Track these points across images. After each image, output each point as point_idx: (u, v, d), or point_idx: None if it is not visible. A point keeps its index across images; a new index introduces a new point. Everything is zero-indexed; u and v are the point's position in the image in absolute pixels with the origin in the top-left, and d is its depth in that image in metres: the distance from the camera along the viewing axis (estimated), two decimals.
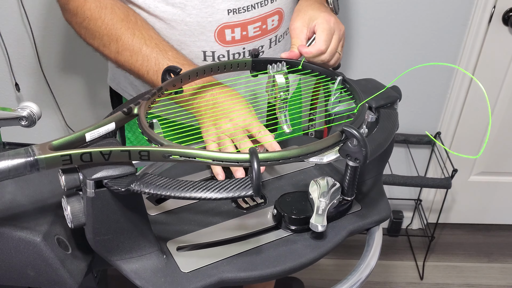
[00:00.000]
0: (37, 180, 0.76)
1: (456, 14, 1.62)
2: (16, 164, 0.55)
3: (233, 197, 0.57)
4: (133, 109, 0.68)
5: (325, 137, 0.65)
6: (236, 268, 0.68)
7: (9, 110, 0.75)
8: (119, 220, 0.64)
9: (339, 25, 0.92)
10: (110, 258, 0.67)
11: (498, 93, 1.81)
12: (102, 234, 0.64)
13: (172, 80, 0.76)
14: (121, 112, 0.67)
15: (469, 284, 1.94)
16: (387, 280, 1.94)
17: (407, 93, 1.79)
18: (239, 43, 0.95)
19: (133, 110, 0.68)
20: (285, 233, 0.73)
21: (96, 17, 0.87)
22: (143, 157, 0.59)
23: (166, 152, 0.59)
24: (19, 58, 1.64)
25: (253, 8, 0.93)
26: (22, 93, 1.70)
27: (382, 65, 1.72)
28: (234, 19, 0.93)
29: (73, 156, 0.57)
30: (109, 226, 0.64)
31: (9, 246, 0.65)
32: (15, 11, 1.53)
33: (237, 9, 0.92)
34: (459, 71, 1.73)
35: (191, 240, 0.72)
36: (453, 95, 1.79)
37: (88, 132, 0.62)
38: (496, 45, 1.69)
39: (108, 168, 0.60)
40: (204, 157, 0.58)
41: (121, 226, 0.64)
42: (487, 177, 2.03)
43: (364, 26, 1.64)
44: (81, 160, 0.58)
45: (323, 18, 0.89)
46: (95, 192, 0.60)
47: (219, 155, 0.58)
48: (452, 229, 2.17)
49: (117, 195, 0.61)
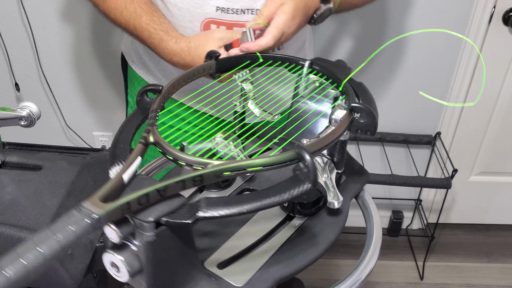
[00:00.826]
0: (37, 180, 0.76)
1: (456, 14, 1.62)
2: (82, 230, 0.48)
3: (295, 195, 0.57)
4: (148, 138, 0.64)
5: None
6: (282, 266, 0.68)
7: (9, 110, 0.75)
8: (177, 257, 0.61)
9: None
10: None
11: (498, 93, 1.81)
12: (162, 277, 0.60)
13: (160, 101, 0.72)
14: (141, 144, 0.63)
15: (469, 284, 1.94)
16: (387, 280, 1.94)
17: (407, 93, 1.80)
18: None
19: (149, 139, 0.63)
20: (300, 220, 0.75)
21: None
22: (196, 183, 0.56)
23: (218, 171, 0.56)
24: (19, 58, 1.64)
25: (242, 12, 0.94)
26: (21, 93, 1.70)
27: (381, 65, 1.72)
28: (222, 17, 0.94)
29: (131, 202, 0.52)
30: (168, 267, 0.61)
31: (8, 246, 0.66)
32: (15, 11, 1.53)
33: (226, 8, 0.94)
34: (459, 72, 1.73)
35: (223, 255, 0.70)
36: (453, 95, 1.79)
37: (124, 174, 0.57)
38: (496, 45, 1.69)
39: (158, 206, 0.55)
40: (254, 166, 0.57)
41: (178, 263, 0.62)
42: (487, 177, 2.03)
43: (363, 26, 1.64)
44: (138, 204, 0.53)
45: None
46: (156, 234, 0.55)
47: (268, 160, 0.57)
48: (452, 229, 2.17)
49: (177, 231, 0.58)
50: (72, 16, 1.57)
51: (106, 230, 0.53)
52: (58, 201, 0.72)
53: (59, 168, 0.79)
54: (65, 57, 1.65)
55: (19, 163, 0.81)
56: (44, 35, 1.60)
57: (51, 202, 0.71)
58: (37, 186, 0.74)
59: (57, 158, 0.82)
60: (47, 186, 0.75)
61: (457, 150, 1.93)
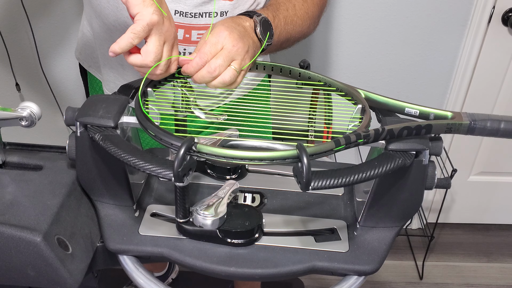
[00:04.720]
0: (37, 180, 0.76)
1: (455, 14, 1.62)
2: None
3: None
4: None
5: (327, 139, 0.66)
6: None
7: (10, 110, 0.75)
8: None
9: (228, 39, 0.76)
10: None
11: (497, 93, 1.81)
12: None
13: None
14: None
15: (469, 284, 1.94)
16: (387, 280, 1.94)
17: (407, 93, 1.80)
18: (180, 43, 0.96)
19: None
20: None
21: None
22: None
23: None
24: (20, 58, 1.64)
25: (200, 16, 0.94)
26: (22, 93, 1.70)
27: (381, 65, 1.73)
28: (180, 20, 0.94)
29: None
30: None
31: (9, 246, 0.66)
32: (16, 11, 1.54)
33: (184, 12, 0.93)
34: (458, 73, 1.74)
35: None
36: (452, 95, 1.80)
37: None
38: (495, 46, 1.69)
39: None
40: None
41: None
42: (487, 177, 2.03)
43: (363, 26, 1.64)
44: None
45: (218, 25, 0.78)
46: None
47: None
48: (452, 229, 2.18)
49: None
50: (73, 16, 1.58)
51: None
52: (59, 201, 0.72)
53: (59, 168, 0.79)
54: (65, 58, 1.65)
55: (20, 163, 0.81)
56: (44, 35, 1.60)
57: (52, 202, 0.71)
58: (37, 186, 0.75)
59: (58, 158, 0.82)
60: (48, 186, 0.75)
61: (457, 150, 1.93)
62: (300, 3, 0.95)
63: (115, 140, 0.68)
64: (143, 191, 0.84)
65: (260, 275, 0.70)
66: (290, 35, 0.93)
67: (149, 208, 0.81)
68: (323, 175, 0.61)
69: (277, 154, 0.62)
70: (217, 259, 0.71)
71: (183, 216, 0.72)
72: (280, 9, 0.91)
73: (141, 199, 0.82)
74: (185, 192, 0.69)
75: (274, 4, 0.93)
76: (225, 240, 0.73)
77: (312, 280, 1.90)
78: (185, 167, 0.61)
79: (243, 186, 0.85)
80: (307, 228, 0.78)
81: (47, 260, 0.66)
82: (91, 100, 0.75)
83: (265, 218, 0.76)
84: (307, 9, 0.96)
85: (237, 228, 0.72)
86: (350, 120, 0.76)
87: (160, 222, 0.78)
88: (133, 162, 0.64)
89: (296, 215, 0.80)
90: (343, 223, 0.78)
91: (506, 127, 0.69)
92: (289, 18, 0.92)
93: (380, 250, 0.75)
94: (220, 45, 0.75)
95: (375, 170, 0.64)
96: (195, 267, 0.71)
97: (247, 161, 0.62)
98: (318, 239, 0.75)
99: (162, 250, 0.73)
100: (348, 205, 0.83)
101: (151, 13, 0.69)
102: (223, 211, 0.73)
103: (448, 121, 0.71)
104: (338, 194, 0.85)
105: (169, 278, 1.78)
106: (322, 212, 0.81)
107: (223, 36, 0.76)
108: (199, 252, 0.72)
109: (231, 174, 0.86)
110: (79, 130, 0.72)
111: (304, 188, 0.60)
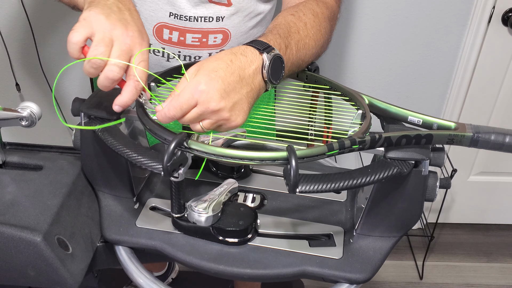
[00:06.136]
0: (37, 180, 0.76)
1: (455, 14, 1.62)
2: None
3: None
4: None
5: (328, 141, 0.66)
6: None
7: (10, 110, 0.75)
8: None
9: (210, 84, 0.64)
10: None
11: (497, 93, 1.81)
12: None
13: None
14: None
15: (469, 284, 1.94)
16: (387, 280, 1.94)
17: (407, 93, 1.80)
18: (175, 45, 0.96)
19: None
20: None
21: None
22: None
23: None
24: (20, 58, 1.64)
25: (195, 20, 0.93)
26: (22, 93, 1.70)
27: (381, 65, 1.73)
28: (175, 22, 0.94)
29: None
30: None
31: (9, 246, 0.66)
32: (16, 11, 1.54)
33: (178, 15, 0.93)
34: (458, 73, 1.74)
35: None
36: (452, 95, 1.80)
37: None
38: (495, 46, 1.69)
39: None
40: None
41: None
42: (487, 177, 2.03)
43: (363, 26, 1.64)
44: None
45: (206, 66, 0.66)
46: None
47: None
48: (452, 229, 2.18)
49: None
50: (73, 15, 1.58)
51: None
52: (59, 201, 0.72)
53: (59, 168, 0.80)
54: (65, 58, 1.65)
55: (20, 163, 0.82)
56: (45, 35, 1.60)
57: (52, 202, 0.72)
58: (37, 186, 0.75)
59: (58, 158, 0.82)
60: (48, 186, 0.75)
61: (457, 150, 1.93)
62: (312, 20, 0.83)
63: (113, 132, 0.70)
64: (146, 185, 0.85)
65: (249, 275, 0.70)
66: (302, 61, 0.82)
67: (149, 201, 0.82)
68: (312, 179, 0.61)
69: (267, 155, 0.62)
70: (208, 256, 0.72)
71: (178, 211, 0.73)
72: (292, 32, 0.79)
73: (142, 193, 0.83)
74: (180, 187, 0.70)
75: (283, 25, 0.79)
76: (217, 238, 0.73)
77: (312, 281, 1.90)
78: (175, 162, 0.62)
79: (246, 186, 0.85)
80: (303, 232, 0.78)
81: (47, 260, 0.66)
82: (98, 92, 0.77)
83: (262, 219, 0.76)
84: (319, 26, 0.84)
85: (230, 227, 0.73)
86: (351, 125, 0.75)
87: (158, 216, 0.79)
88: (127, 154, 0.66)
89: (294, 218, 0.80)
90: (341, 229, 0.78)
91: (511, 142, 0.68)
92: (301, 42, 0.80)
93: (374, 259, 0.74)
94: (194, 101, 0.64)
95: (367, 177, 0.63)
96: (186, 263, 0.72)
97: (237, 160, 0.62)
98: (312, 243, 0.75)
99: (156, 243, 0.74)
100: (349, 212, 0.82)
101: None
102: (218, 209, 0.73)
103: (450, 131, 0.70)
104: (341, 200, 0.85)
105: (169, 278, 1.78)
106: (321, 217, 0.81)
107: (201, 90, 0.63)
108: (191, 248, 0.73)
109: (235, 173, 0.87)
110: (83, 120, 0.75)
111: (291, 191, 0.60)
